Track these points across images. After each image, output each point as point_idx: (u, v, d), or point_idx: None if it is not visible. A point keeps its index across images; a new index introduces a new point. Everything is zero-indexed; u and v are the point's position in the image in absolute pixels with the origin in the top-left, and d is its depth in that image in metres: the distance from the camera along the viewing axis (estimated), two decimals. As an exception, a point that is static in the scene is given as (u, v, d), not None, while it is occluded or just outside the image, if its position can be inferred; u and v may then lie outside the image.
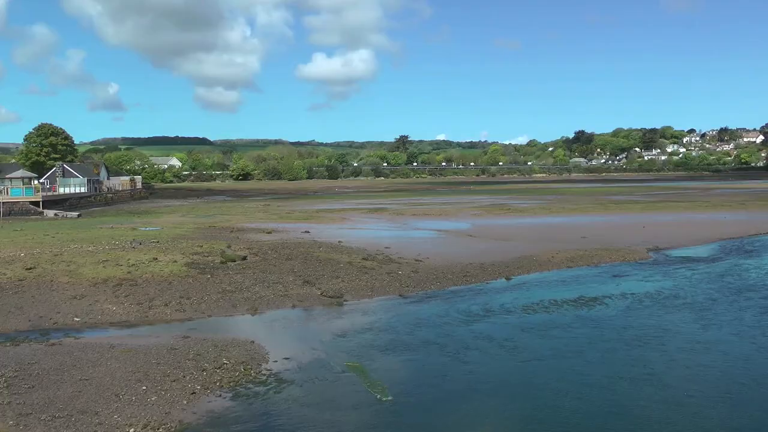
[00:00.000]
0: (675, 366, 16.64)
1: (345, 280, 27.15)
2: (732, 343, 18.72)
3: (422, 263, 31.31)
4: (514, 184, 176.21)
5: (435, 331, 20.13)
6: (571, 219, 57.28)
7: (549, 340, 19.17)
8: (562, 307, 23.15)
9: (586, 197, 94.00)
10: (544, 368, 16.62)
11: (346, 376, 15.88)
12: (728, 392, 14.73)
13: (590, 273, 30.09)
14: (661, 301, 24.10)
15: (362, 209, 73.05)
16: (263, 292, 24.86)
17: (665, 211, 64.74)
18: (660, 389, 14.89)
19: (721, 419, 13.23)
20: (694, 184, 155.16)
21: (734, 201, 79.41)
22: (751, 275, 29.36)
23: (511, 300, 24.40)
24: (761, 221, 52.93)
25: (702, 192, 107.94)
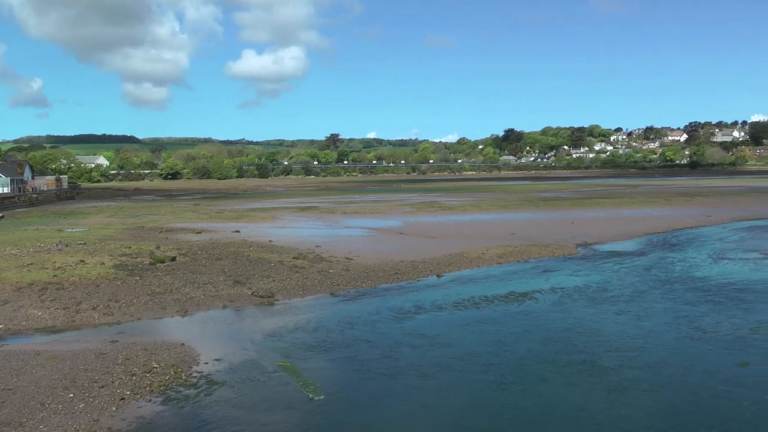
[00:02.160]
0: (606, 356, 17.67)
1: (276, 280, 27.93)
2: (660, 333, 20.04)
3: (353, 261, 32.42)
4: (445, 182, 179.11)
5: (367, 329, 20.83)
6: (502, 216, 59.58)
7: (481, 336, 20.04)
8: (493, 303, 24.23)
9: (516, 194, 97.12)
10: (476, 363, 17.34)
11: (278, 376, 16.29)
12: (659, 379, 15.90)
13: (520, 269, 31.54)
14: (590, 295, 25.52)
15: (293, 208, 74.49)
16: (193, 293, 25.36)
17: (593, 208, 67.91)
18: (593, 379, 15.88)
19: (654, 404, 14.25)
20: (621, 181, 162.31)
21: (659, 197, 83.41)
22: (676, 268, 31.39)
23: (443, 296, 25.40)
24: (685, 216, 56.32)
25: (629, 189, 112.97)
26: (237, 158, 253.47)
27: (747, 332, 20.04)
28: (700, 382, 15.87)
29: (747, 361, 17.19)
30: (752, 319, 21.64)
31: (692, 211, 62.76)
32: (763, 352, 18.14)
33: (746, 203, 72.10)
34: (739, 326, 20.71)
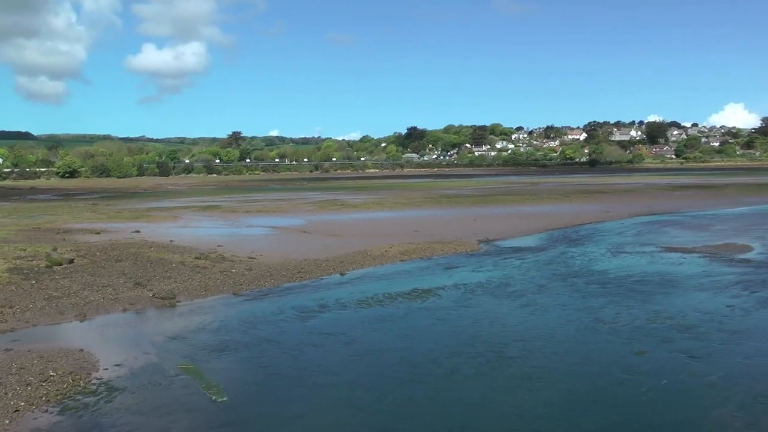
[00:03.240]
0: (509, 348, 18.26)
1: (178, 281, 27.63)
2: (561, 325, 20.87)
3: (256, 260, 32.35)
4: (348, 180, 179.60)
5: (270, 329, 20.87)
6: (405, 213, 60.53)
7: (385, 332, 20.42)
8: (396, 300, 24.64)
9: (419, 192, 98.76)
10: (382, 359, 17.71)
11: (180, 379, 16.13)
12: (561, 369, 16.57)
13: (423, 265, 32.15)
14: (492, 290, 26.27)
15: (194, 207, 73.59)
16: (92, 297, 24.74)
17: (495, 205, 69.78)
18: (497, 371, 16.41)
19: (556, 393, 14.85)
20: (523, 178, 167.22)
21: (560, 194, 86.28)
22: (576, 262, 32.69)
23: (346, 295, 25.65)
24: (584, 212, 58.65)
25: (530, 186, 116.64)
26: (137, 156, 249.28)
27: (644, 322, 21.06)
28: (599, 371, 16.60)
29: (644, 350, 18.10)
30: (649, 309, 22.75)
31: (591, 207, 65.25)
32: (659, 340, 19.09)
33: (643, 199, 75.71)
34: (636, 317, 21.74)
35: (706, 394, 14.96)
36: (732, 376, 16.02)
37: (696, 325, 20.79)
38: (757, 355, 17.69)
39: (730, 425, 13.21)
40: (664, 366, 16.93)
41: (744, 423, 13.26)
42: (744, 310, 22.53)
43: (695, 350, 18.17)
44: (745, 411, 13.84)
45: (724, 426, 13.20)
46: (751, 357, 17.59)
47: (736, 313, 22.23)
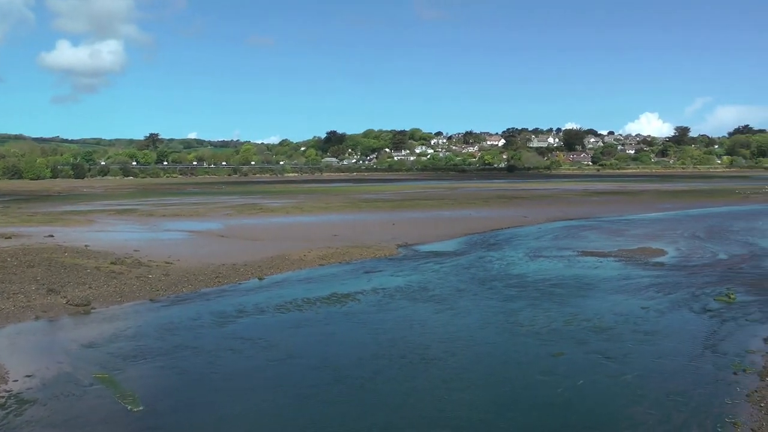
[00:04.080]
0: (428, 353, 18.55)
1: (92, 287, 27.08)
2: (480, 328, 21.32)
3: (173, 265, 32.05)
4: (267, 184, 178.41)
5: (188, 335, 20.72)
6: (323, 218, 60.95)
7: (304, 337, 20.54)
8: (315, 305, 24.78)
9: (338, 196, 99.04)
10: (299, 365, 17.76)
11: (95, 389, 15.84)
12: (480, 372, 16.98)
13: (342, 270, 32.39)
14: (411, 295, 26.60)
15: (110, 210, 72.35)
16: (2, 305, 24.00)
17: (414, 209, 70.69)
18: (417, 376, 16.65)
19: (475, 396, 15.18)
20: (442, 183, 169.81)
21: (478, 199, 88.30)
22: (494, 266, 33.36)
23: (265, 299, 25.67)
24: (502, 217, 60.02)
25: (448, 191, 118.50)
26: (51, 157, 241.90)
27: (561, 324, 21.70)
28: (518, 373, 17.05)
29: (561, 351, 18.65)
30: (566, 312, 23.45)
31: (510, 212, 66.70)
32: (576, 342, 19.70)
33: (560, 205, 77.87)
34: (553, 319, 22.38)
35: (621, 392, 15.53)
36: (646, 375, 16.67)
37: (611, 326, 21.53)
38: (670, 355, 18.45)
39: (643, 422, 13.74)
40: (580, 367, 17.49)
41: (657, 420, 13.82)
42: (658, 312, 23.46)
43: (611, 351, 18.83)
44: (659, 408, 14.42)
45: (638, 423, 13.72)
46: (664, 356, 18.34)
47: (650, 314, 23.12)
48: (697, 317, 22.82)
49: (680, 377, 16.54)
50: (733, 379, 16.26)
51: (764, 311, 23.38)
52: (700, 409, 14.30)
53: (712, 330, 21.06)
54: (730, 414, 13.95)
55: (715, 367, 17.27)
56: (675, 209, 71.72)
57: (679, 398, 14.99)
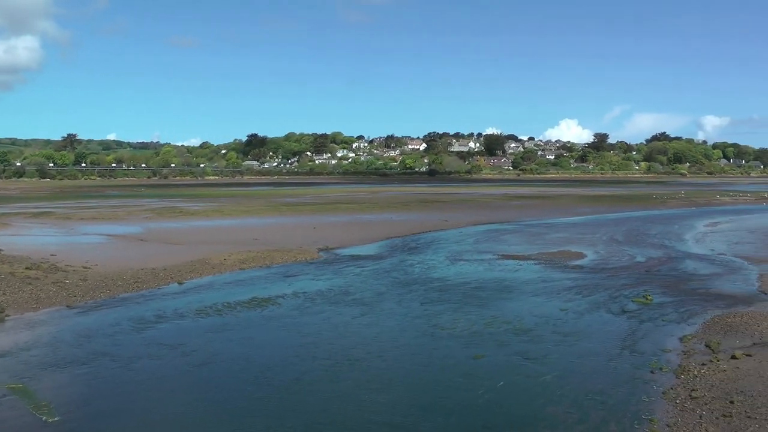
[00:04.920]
0: (349, 356, 18.69)
1: (6, 293, 26.33)
2: (401, 332, 21.58)
3: (91, 270, 31.47)
4: (188, 187, 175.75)
5: (106, 342, 20.39)
6: (244, 221, 60.72)
7: (224, 342, 20.43)
8: (235, 309, 24.75)
9: (259, 200, 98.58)
10: (220, 370, 17.74)
11: (8, 400, 15.39)
12: (401, 375, 17.21)
13: (263, 274, 32.38)
14: (332, 298, 26.74)
15: (26, 213, 70.51)
16: None
17: (335, 213, 71.01)
18: (338, 380, 16.75)
19: (396, 399, 15.34)
20: (363, 187, 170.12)
21: (399, 203, 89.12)
22: (415, 270, 33.76)
23: (185, 304, 25.49)
24: (424, 221, 60.68)
25: (370, 195, 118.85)
26: None
27: (481, 327, 22.07)
28: (439, 376, 17.26)
29: (482, 354, 18.98)
30: (486, 314, 23.84)
31: (431, 216, 67.41)
32: (496, 344, 20.06)
33: (481, 209, 79.07)
34: (474, 322, 22.73)
35: (541, 393, 15.85)
36: (566, 376, 17.07)
37: (532, 328, 21.99)
38: (589, 355, 18.97)
39: (563, 421, 14.07)
40: (501, 368, 17.82)
41: (576, 419, 14.17)
42: (577, 313, 24.09)
43: (531, 352, 19.24)
44: (578, 407, 14.78)
45: (557, 422, 14.03)
46: (583, 357, 18.83)
47: (569, 316, 23.73)
48: (616, 318, 23.51)
49: (599, 377, 17.00)
50: (650, 378, 16.81)
51: (680, 311, 24.25)
52: (618, 408, 14.73)
53: (630, 330, 21.73)
54: (647, 411, 14.41)
55: (632, 367, 17.83)
56: (594, 213, 73.75)
57: (598, 397, 15.41)
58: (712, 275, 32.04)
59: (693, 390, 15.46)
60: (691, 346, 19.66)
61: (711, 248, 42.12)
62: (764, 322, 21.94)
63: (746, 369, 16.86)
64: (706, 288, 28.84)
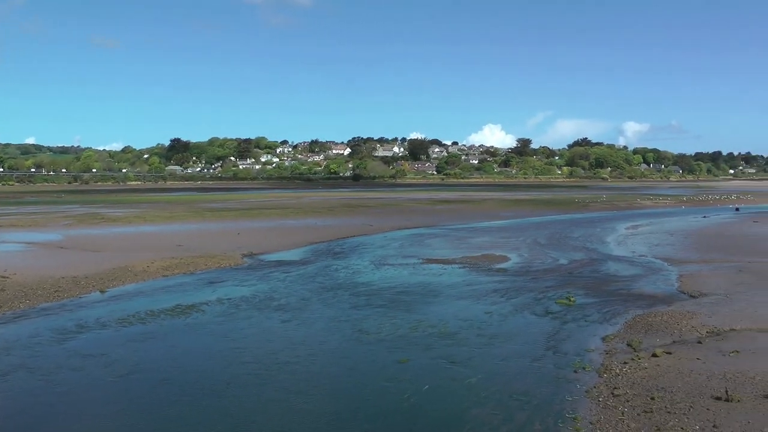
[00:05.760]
0: (274, 363, 18.65)
1: None
2: (326, 337, 21.58)
3: (10, 280, 30.64)
4: (109, 193, 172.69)
5: (25, 354, 19.87)
6: (167, 227, 59.90)
7: (148, 352, 20.19)
8: (159, 317, 24.48)
9: (183, 205, 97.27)
10: (143, 380, 17.48)
11: None
12: (326, 381, 17.22)
13: (187, 281, 32.10)
14: (257, 304, 26.66)
15: None
16: None
17: (259, 218, 70.49)
18: (263, 388, 16.68)
19: (321, 406, 15.36)
20: (287, 192, 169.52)
21: (324, 208, 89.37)
22: (340, 275, 33.86)
23: (107, 313, 25.07)
24: (348, 225, 60.84)
25: (294, 200, 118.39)
26: None
27: (407, 331, 22.21)
28: (364, 380, 17.34)
29: (407, 358, 19.11)
30: (412, 318, 24.04)
31: (355, 220, 67.59)
32: (422, 348, 20.21)
33: (405, 213, 79.64)
34: (399, 326, 22.88)
35: (466, 395, 16.05)
36: (490, 377, 17.32)
37: (456, 331, 22.24)
38: (514, 356, 19.30)
39: (488, 423, 14.27)
40: (426, 372, 17.96)
41: (501, 420, 14.38)
42: (501, 316, 24.50)
43: (456, 355, 19.46)
44: (503, 408, 15.02)
45: (482, 424, 14.22)
46: (508, 358, 19.15)
47: (493, 318, 24.10)
48: (539, 320, 23.98)
49: (523, 378, 17.31)
50: (574, 377, 17.21)
51: (602, 312, 24.91)
52: (543, 407, 15.02)
53: (554, 331, 22.21)
54: (571, 410, 14.74)
55: (556, 367, 18.21)
56: (517, 217, 75.10)
57: (522, 398, 15.69)
58: (633, 276, 33.00)
59: (615, 388, 15.89)
60: (613, 346, 20.20)
61: (632, 250, 43.39)
62: (683, 320, 22.73)
63: (666, 366, 17.43)
64: (627, 289, 29.69)
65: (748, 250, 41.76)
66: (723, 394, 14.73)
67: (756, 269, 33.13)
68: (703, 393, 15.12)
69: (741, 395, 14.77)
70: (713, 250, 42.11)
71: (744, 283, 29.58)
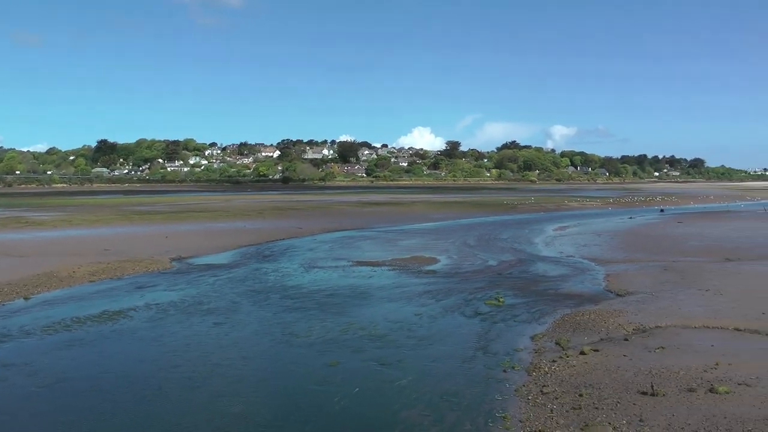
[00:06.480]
0: (203, 368, 18.48)
1: None
2: (256, 341, 21.48)
3: None
4: (33, 196, 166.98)
5: None
6: (94, 231, 58.45)
7: (73, 360, 19.74)
8: (86, 324, 23.96)
9: (110, 209, 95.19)
10: (70, 389, 17.08)
11: None
12: (256, 386, 17.17)
13: (114, 286, 31.50)
14: (186, 309, 26.32)
15: None
16: None
17: (188, 221, 69.68)
18: (194, 393, 16.53)
19: (250, 410, 15.25)
20: (216, 195, 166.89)
21: (253, 211, 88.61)
22: (270, 278, 33.67)
23: (31, 321, 24.39)
24: (277, 229, 60.46)
25: (223, 202, 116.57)
26: None
27: (337, 334, 22.19)
28: (294, 384, 17.27)
29: (337, 361, 19.07)
30: (342, 321, 24.04)
31: (285, 223, 67.28)
32: (351, 350, 20.23)
33: (335, 216, 79.59)
34: (329, 329, 22.84)
35: (397, 397, 16.07)
36: (420, 379, 17.40)
37: (386, 333, 22.29)
38: (444, 358, 19.42)
39: (418, 424, 14.31)
40: (356, 375, 17.96)
41: (432, 421, 14.45)
42: (431, 317, 24.63)
43: (386, 357, 19.49)
44: (433, 409, 15.09)
45: (413, 425, 14.25)
46: (438, 359, 19.26)
47: (423, 320, 24.22)
48: (469, 321, 24.21)
49: (453, 378, 17.43)
50: (503, 377, 17.41)
51: (531, 312, 25.30)
52: (473, 407, 15.14)
53: (483, 332, 22.44)
54: (500, 409, 14.90)
55: (486, 367, 18.40)
56: (447, 219, 75.74)
57: (453, 398, 15.80)
58: (561, 276, 33.63)
59: (544, 386, 16.13)
60: (542, 345, 20.52)
61: (560, 251, 44.22)
62: (611, 318, 23.24)
63: (594, 363, 17.78)
64: (555, 289, 30.23)
65: (673, 250, 43.04)
66: (649, 389, 15.09)
67: (680, 268, 34.10)
68: (630, 388, 15.47)
69: (666, 390, 15.18)
70: (639, 250, 43.26)
71: (669, 281, 30.41)
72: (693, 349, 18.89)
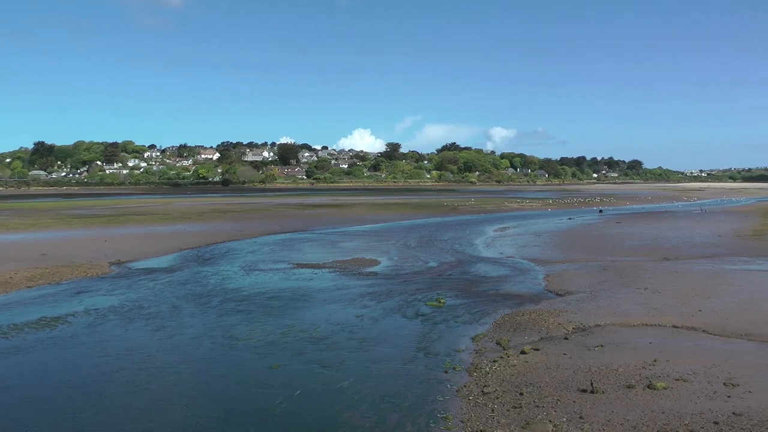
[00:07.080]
0: (142, 374, 18.22)
1: None
2: (197, 345, 21.27)
3: None
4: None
5: None
6: (31, 235, 57.14)
7: (9, 368, 19.27)
8: (22, 331, 23.43)
9: (47, 212, 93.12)
10: (5, 398, 16.71)
11: None
12: (194, 391, 16.91)
13: (52, 291, 30.88)
14: (125, 314, 25.96)
15: None
16: None
17: (127, 225, 68.49)
18: (128, 398, 16.34)
19: (189, 417, 15.05)
20: (156, 198, 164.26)
21: (193, 214, 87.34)
22: (211, 281, 33.39)
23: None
24: (218, 231, 60.04)
25: (163, 205, 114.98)
26: None
27: (278, 336, 22.10)
28: (235, 388, 17.15)
29: (278, 363, 19.04)
30: (283, 323, 23.95)
31: (225, 226, 66.70)
32: (292, 353, 20.18)
33: (276, 218, 79.11)
34: (270, 332, 22.75)
35: (338, 399, 16.06)
36: (362, 381, 17.40)
37: (328, 336, 22.26)
38: (385, 359, 19.45)
39: (360, 426, 14.31)
40: (298, 377, 17.91)
41: (373, 422, 14.47)
42: (372, 319, 24.65)
43: (327, 359, 19.47)
44: (375, 411, 15.11)
45: (355, 427, 14.25)
46: (379, 361, 19.28)
47: (364, 322, 24.22)
48: (410, 322, 24.28)
49: (395, 380, 17.48)
50: (444, 378, 17.52)
51: (472, 313, 25.50)
52: (414, 408, 15.20)
53: (424, 333, 22.53)
54: (442, 409, 15.00)
55: (427, 368, 18.48)
56: (387, 221, 75.83)
57: (394, 400, 15.84)
58: (501, 277, 33.97)
59: (485, 386, 16.27)
60: (483, 345, 20.71)
61: (500, 252, 44.70)
62: (550, 318, 23.60)
63: (534, 362, 18.02)
64: (496, 289, 30.52)
65: (611, 250, 43.90)
66: (588, 387, 15.35)
67: (618, 267, 34.80)
68: (570, 386, 15.72)
69: (605, 387, 15.48)
70: (578, 250, 43.99)
71: (607, 280, 31.00)
72: (632, 347, 19.29)
